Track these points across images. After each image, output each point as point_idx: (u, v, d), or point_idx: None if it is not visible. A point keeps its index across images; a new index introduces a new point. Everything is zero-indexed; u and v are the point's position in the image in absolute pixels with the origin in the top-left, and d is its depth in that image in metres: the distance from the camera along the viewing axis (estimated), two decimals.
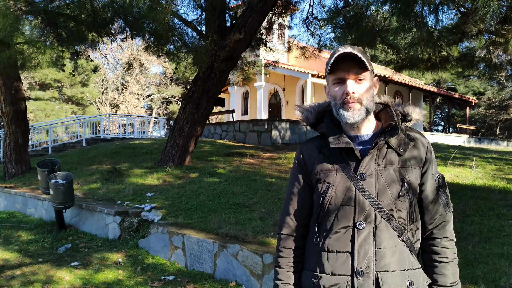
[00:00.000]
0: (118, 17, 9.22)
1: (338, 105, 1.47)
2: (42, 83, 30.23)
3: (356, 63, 1.42)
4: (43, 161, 6.92)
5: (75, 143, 16.74)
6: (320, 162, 1.51)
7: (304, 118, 1.61)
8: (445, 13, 6.88)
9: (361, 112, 1.45)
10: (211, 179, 7.54)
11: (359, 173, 1.43)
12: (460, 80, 32.31)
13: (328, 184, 1.46)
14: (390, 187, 1.42)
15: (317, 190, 1.49)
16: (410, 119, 1.52)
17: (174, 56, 9.99)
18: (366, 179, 1.42)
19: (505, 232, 4.22)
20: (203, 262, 4.66)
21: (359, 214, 1.40)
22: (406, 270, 1.40)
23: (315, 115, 1.59)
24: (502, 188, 5.79)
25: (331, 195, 1.44)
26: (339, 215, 1.43)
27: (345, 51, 1.41)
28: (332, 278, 1.41)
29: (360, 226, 1.39)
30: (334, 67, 1.44)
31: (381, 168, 1.44)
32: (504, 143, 21.00)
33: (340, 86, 1.46)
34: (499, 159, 8.49)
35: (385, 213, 1.40)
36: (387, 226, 1.40)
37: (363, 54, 1.43)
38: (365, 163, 1.44)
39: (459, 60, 9.66)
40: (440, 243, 1.49)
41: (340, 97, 1.46)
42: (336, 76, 1.46)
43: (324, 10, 9.75)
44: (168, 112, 37.32)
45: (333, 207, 1.44)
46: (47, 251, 5.73)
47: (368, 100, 1.46)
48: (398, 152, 1.46)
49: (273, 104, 20.30)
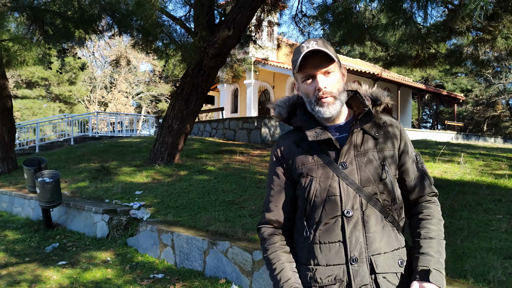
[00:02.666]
0: (105, 13, 9.12)
1: (312, 102, 1.47)
2: (29, 81, 29.86)
3: (323, 57, 1.43)
4: (29, 160, 6.82)
5: (63, 141, 16.56)
6: (299, 155, 1.51)
7: (277, 114, 1.61)
8: (434, 9, 6.91)
9: (336, 105, 1.46)
10: (200, 177, 7.50)
11: (340, 162, 1.45)
12: (448, 77, 32.62)
13: (311, 177, 1.46)
14: (371, 172, 1.44)
15: (300, 185, 1.49)
16: (380, 103, 1.54)
17: (162, 53, 9.93)
18: (348, 167, 1.44)
19: (493, 226, 4.25)
20: (193, 260, 4.63)
21: (346, 203, 1.42)
22: (395, 250, 1.43)
23: (287, 109, 1.59)
24: (490, 183, 5.84)
25: (315, 188, 1.45)
26: (326, 206, 1.43)
27: (311, 49, 1.41)
28: (327, 269, 1.41)
29: (348, 214, 1.41)
30: (302, 64, 1.44)
31: (360, 155, 1.46)
32: (492, 139, 21.24)
33: (311, 82, 1.46)
34: (487, 155, 8.57)
35: (371, 198, 1.42)
36: (373, 210, 1.42)
37: (327, 47, 1.44)
38: (344, 151, 1.45)
39: (447, 57, 9.73)
40: (425, 205, 1.53)
41: (312, 93, 1.46)
42: (305, 73, 1.46)
43: (313, 6, 9.75)
44: (158, 110, 37.12)
45: (319, 199, 1.44)
46: (34, 250, 5.65)
47: (339, 92, 1.47)
48: (374, 137, 1.49)
49: (263, 102, 20.29)
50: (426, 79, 33.40)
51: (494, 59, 10.03)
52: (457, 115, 28.55)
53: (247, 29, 10.60)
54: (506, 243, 3.78)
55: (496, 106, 33.45)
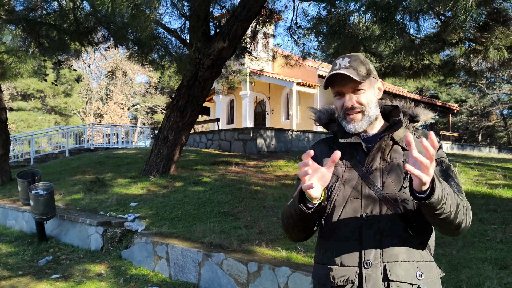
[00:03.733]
0: (101, 26, 9.17)
1: (340, 116, 1.54)
2: (24, 93, 29.83)
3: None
4: (23, 172, 6.78)
5: (58, 153, 16.49)
6: (329, 156, 1.51)
7: (317, 118, 1.69)
8: (426, 21, 6.99)
9: (363, 122, 1.51)
10: (196, 188, 7.47)
11: (366, 167, 1.48)
12: (442, 88, 32.85)
13: (336, 177, 1.50)
14: (394, 180, 1.44)
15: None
16: (418, 120, 1.57)
17: (158, 65, 9.96)
18: (372, 173, 1.46)
19: (488, 236, 4.25)
20: (188, 272, 4.59)
21: (366, 207, 1.43)
22: (416, 261, 1.40)
23: (328, 116, 1.67)
24: (485, 194, 5.85)
25: (339, 188, 1.48)
26: (346, 207, 1.46)
27: (338, 71, 1.45)
28: (341, 270, 1.41)
29: (367, 218, 1.42)
30: (331, 81, 1.49)
31: (386, 163, 1.47)
32: (486, 149, 21.34)
33: (340, 98, 1.52)
34: (482, 165, 8.60)
35: (391, 205, 1.42)
36: (394, 217, 1.41)
37: (358, 67, 1.47)
38: (371, 157, 1.48)
39: (441, 68, 9.82)
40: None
41: (340, 109, 1.53)
42: (334, 90, 1.52)
43: (308, 18, 9.83)
44: (153, 121, 37.10)
45: (341, 199, 1.47)
46: (27, 263, 5.59)
47: (369, 108, 1.51)
48: (403, 148, 1.49)
49: (259, 113, 20.34)
50: (420, 89, 33.63)
51: (487, 70, 10.12)
52: (452, 125, 28.70)
53: (243, 41, 10.67)
54: (502, 253, 3.78)
55: (490, 116, 33.66)
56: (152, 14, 6.77)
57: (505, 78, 27.39)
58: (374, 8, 5.42)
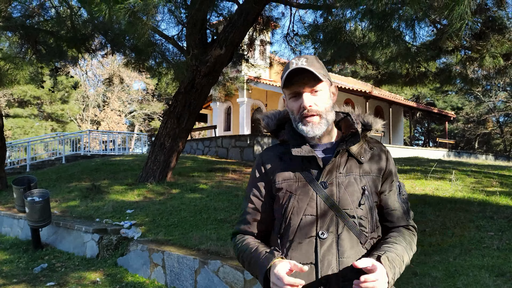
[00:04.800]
0: (98, 33, 9.18)
1: (296, 119, 1.45)
2: (21, 99, 29.76)
3: (311, 75, 1.40)
4: (19, 178, 6.75)
5: (55, 160, 16.41)
6: (281, 171, 1.48)
7: (265, 125, 1.59)
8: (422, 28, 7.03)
9: (321, 125, 1.43)
10: (192, 195, 7.45)
11: (321, 181, 1.41)
12: (438, 95, 32.99)
13: (290, 194, 1.43)
14: (351, 195, 1.40)
15: (278, 200, 1.46)
16: (370, 128, 1.51)
17: (155, 72, 9.98)
18: (328, 187, 1.40)
19: (485, 243, 4.25)
20: (184, 279, 4.56)
21: (321, 224, 1.38)
22: None
23: (276, 122, 1.57)
24: (481, 201, 5.85)
25: (293, 205, 1.41)
26: (301, 225, 1.40)
27: (298, 67, 1.39)
28: None
29: (322, 236, 1.37)
30: (289, 81, 1.42)
31: (342, 176, 1.42)
32: (483, 156, 21.40)
33: (297, 99, 1.44)
34: (478, 172, 8.62)
35: (348, 221, 1.38)
36: (349, 234, 1.38)
37: (316, 65, 1.42)
38: (326, 171, 1.41)
39: (437, 75, 9.87)
40: (399, 228, 1.48)
41: (297, 111, 1.44)
42: (291, 90, 1.44)
43: (304, 25, 9.88)
44: (150, 128, 37.05)
45: (295, 217, 1.41)
46: (22, 271, 5.54)
47: (326, 111, 1.44)
48: (359, 160, 1.45)
49: (256, 120, 20.34)
50: (417, 97, 33.76)
51: (483, 77, 10.17)
52: (449, 132, 28.79)
53: (239, 48, 10.70)
54: (499, 261, 3.77)
55: (487, 124, 33.81)
56: (149, 21, 6.78)
57: (501, 86, 27.56)
58: (370, 15, 5.44)
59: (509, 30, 7.49)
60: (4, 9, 8.04)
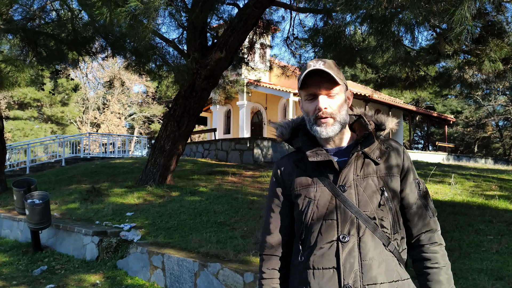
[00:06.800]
0: (99, 36, 9.21)
1: (311, 120, 1.47)
2: (21, 102, 29.78)
3: (327, 78, 1.42)
4: (19, 181, 6.75)
5: (54, 162, 16.42)
6: (298, 176, 1.49)
7: (279, 134, 1.60)
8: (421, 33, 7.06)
9: (335, 127, 1.44)
10: (192, 198, 7.46)
11: (339, 185, 1.41)
12: (438, 99, 33.05)
13: (309, 199, 1.43)
14: (370, 197, 1.40)
15: (297, 207, 1.47)
16: (384, 128, 1.52)
17: (155, 75, 10.00)
18: (346, 191, 1.40)
19: (484, 247, 4.26)
20: (183, 282, 4.57)
21: (342, 227, 1.38)
22: (394, 281, 1.37)
23: (290, 130, 1.58)
24: (480, 204, 5.86)
25: (313, 210, 1.42)
26: (322, 230, 1.40)
27: (316, 68, 1.41)
28: None
29: (344, 239, 1.37)
30: (305, 82, 1.44)
31: (360, 179, 1.42)
32: (482, 160, 21.42)
33: (313, 101, 1.45)
34: (477, 176, 8.63)
35: (369, 223, 1.38)
36: (372, 236, 1.37)
37: (334, 69, 1.43)
38: (343, 174, 1.42)
39: (436, 79, 9.88)
40: (429, 248, 1.47)
41: (313, 112, 1.45)
42: (308, 91, 1.46)
43: (305, 29, 9.91)
44: (150, 131, 37.06)
45: (316, 222, 1.41)
46: (21, 273, 5.54)
47: (341, 114, 1.46)
48: (375, 161, 1.46)
49: (255, 123, 20.37)
50: (416, 100, 33.81)
51: (483, 81, 10.19)
52: (448, 136, 28.81)
53: (240, 51, 10.72)
54: (497, 264, 3.78)
55: (486, 128, 33.83)
56: (150, 24, 6.80)
57: (500, 90, 27.61)
58: (370, 20, 5.47)
59: (508, 35, 7.51)
60: (5, 12, 8.06)
